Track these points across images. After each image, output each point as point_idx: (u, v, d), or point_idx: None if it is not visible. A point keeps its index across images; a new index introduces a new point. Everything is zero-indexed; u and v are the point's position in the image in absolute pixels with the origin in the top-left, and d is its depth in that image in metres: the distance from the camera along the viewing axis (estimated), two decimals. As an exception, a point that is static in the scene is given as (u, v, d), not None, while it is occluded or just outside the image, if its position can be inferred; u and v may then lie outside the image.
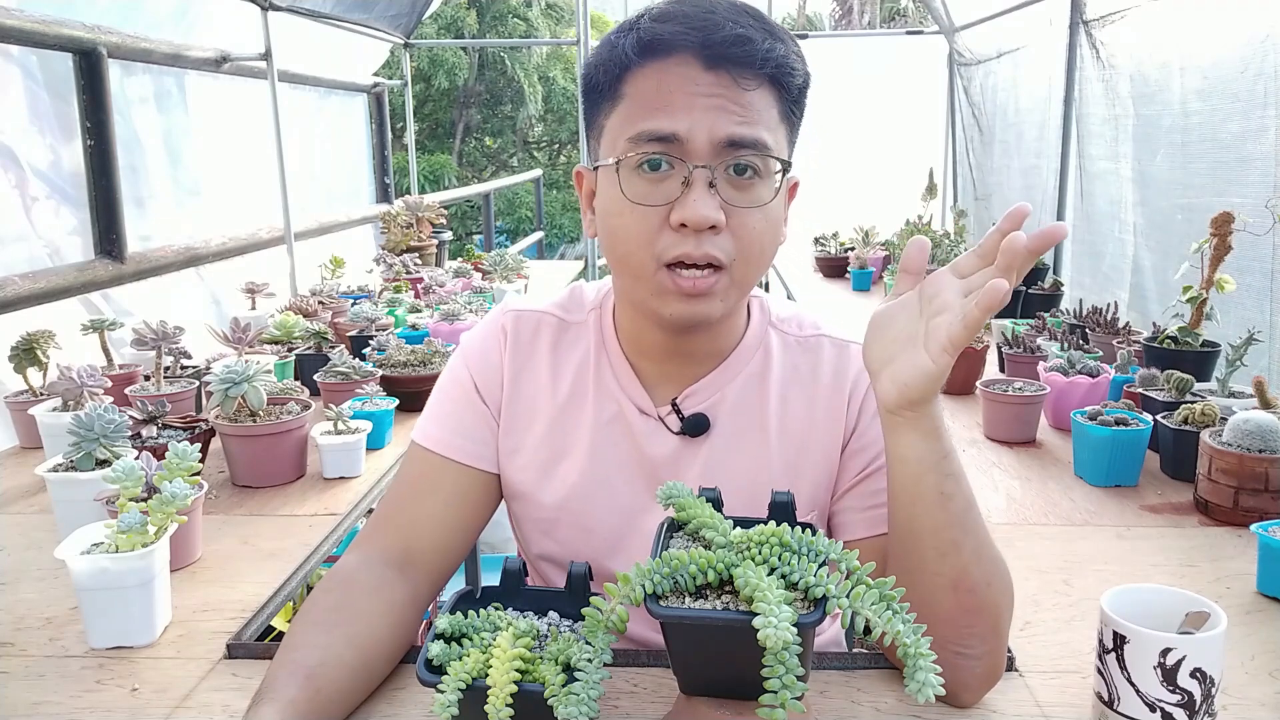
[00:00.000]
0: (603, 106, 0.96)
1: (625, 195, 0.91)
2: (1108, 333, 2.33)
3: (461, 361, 1.11)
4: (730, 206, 0.90)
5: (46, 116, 2.56)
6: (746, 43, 0.88)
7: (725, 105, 0.89)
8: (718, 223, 0.89)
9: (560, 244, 13.12)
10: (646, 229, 0.91)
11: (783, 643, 0.66)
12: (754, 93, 0.90)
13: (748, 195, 0.91)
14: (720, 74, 0.89)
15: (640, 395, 1.05)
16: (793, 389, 1.06)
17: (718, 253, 0.90)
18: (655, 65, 0.90)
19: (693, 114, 0.89)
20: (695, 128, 0.89)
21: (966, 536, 0.85)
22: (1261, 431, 1.40)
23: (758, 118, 0.91)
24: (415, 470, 1.06)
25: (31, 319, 2.16)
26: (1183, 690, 0.81)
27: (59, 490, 1.37)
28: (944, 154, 5.47)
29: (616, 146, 0.93)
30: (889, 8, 17.45)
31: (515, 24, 12.46)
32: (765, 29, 0.91)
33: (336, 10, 4.06)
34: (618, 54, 0.92)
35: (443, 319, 2.53)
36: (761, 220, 0.93)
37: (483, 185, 7.92)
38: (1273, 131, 2.25)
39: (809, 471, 1.05)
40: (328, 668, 0.86)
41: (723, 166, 0.90)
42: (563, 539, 1.08)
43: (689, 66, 0.89)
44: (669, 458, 1.04)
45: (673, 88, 0.89)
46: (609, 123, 0.95)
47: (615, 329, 1.07)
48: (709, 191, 0.89)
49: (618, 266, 0.98)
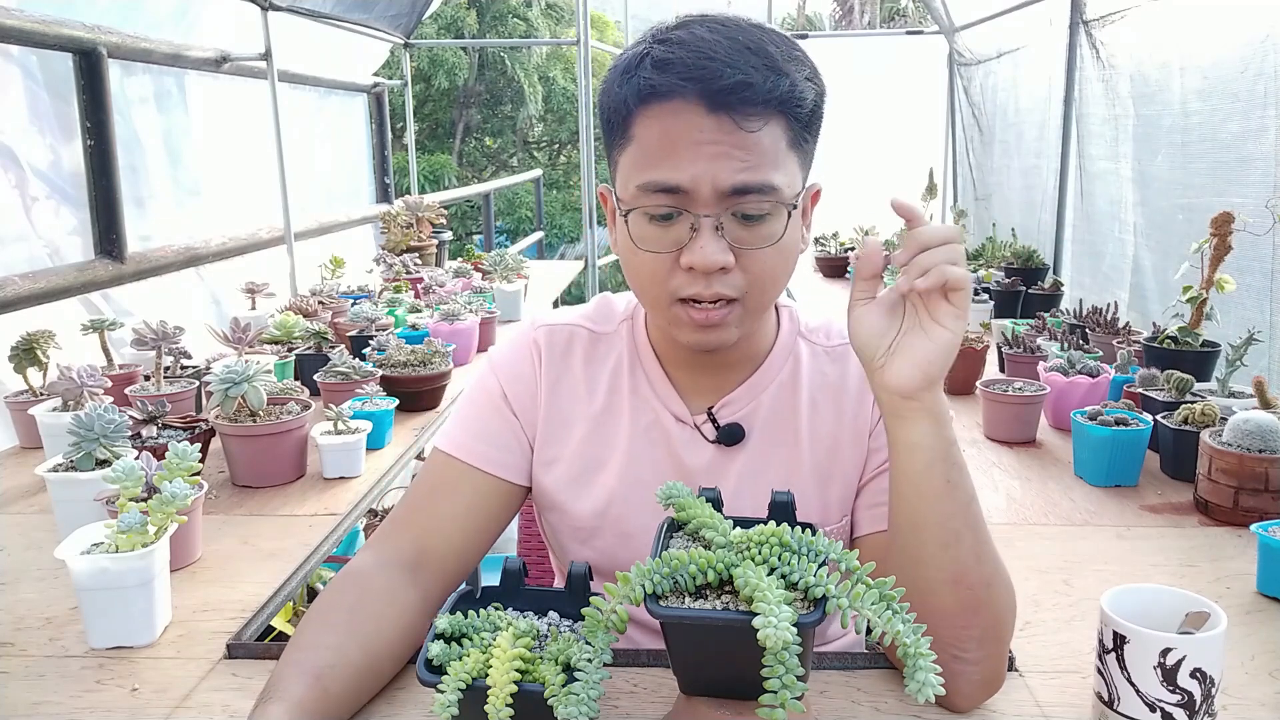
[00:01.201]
0: (616, 142, 0.97)
1: (635, 243, 0.94)
2: (1108, 333, 2.33)
3: (491, 373, 1.11)
4: (739, 248, 0.91)
5: (46, 116, 2.56)
6: (746, 88, 0.87)
7: (729, 152, 0.88)
8: (726, 264, 0.91)
9: (560, 244, 13.11)
10: (659, 270, 0.93)
11: (783, 643, 0.66)
12: (759, 132, 0.89)
13: (757, 234, 0.92)
14: (722, 118, 0.88)
15: (677, 403, 1.06)
16: (822, 397, 1.07)
17: (728, 290, 0.92)
18: (657, 110, 0.90)
19: (697, 164, 0.88)
20: (699, 178, 0.88)
21: (968, 529, 0.86)
22: (1261, 431, 1.40)
23: (762, 159, 0.89)
24: (436, 475, 1.06)
25: (31, 319, 2.16)
26: (1183, 690, 0.81)
27: (59, 490, 1.37)
28: (944, 154, 5.47)
29: (628, 190, 0.94)
30: (889, 8, 17.45)
31: (515, 24, 12.45)
32: (766, 64, 0.88)
33: (336, 10, 4.06)
34: (620, 99, 0.92)
35: (443, 319, 2.53)
36: (773, 254, 0.93)
37: (483, 185, 7.92)
38: (1273, 131, 2.25)
39: (839, 478, 1.07)
40: (337, 669, 0.86)
41: (729, 212, 0.90)
42: (601, 547, 1.08)
43: (691, 112, 0.88)
44: (706, 467, 1.05)
45: (676, 136, 0.89)
46: (622, 159, 0.96)
47: (649, 338, 1.08)
48: (716, 235, 0.90)
49: (637, 295, 1.02)
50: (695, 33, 0.89)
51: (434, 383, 2.10)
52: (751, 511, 0.96)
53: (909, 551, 0.88)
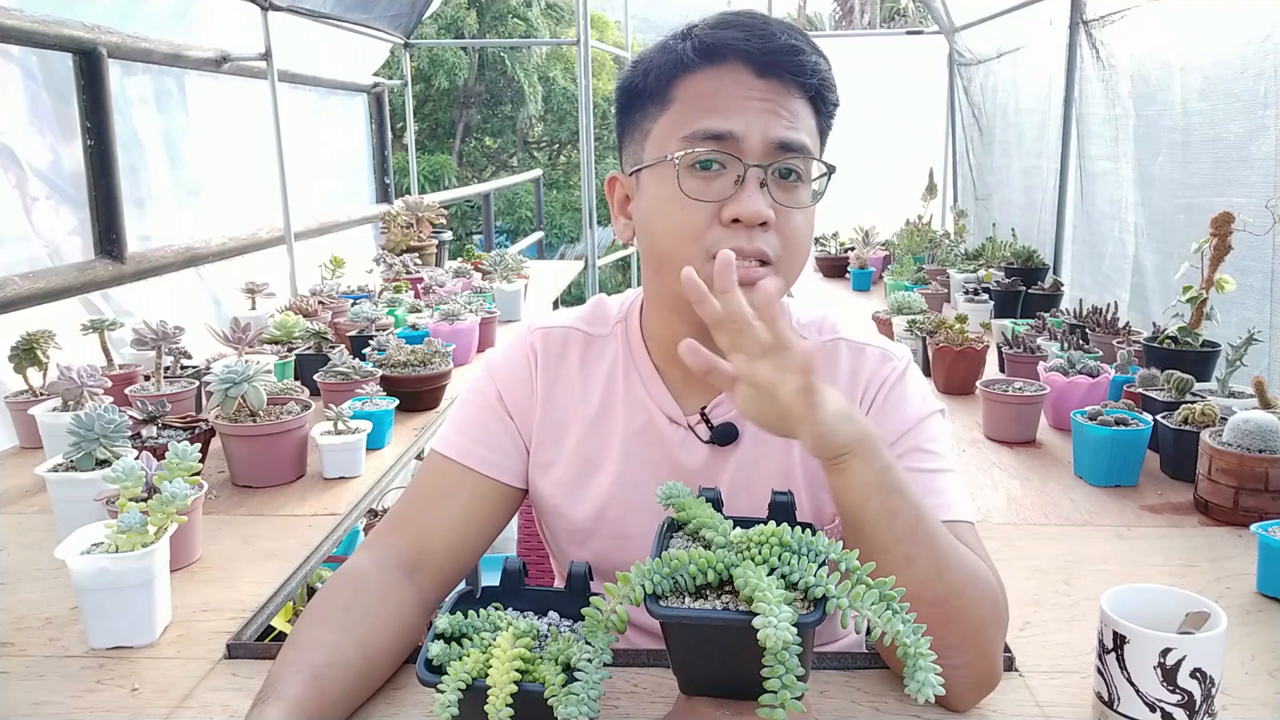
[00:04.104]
0: (649, 110, 0.98)
1: (682, 190, 0.93)
2: (1108, 333, 2.33)
3: (488, 376, 1.11)
4: (778, 206, 0.93)
5: (46, 116, 2.56)
6: (799, 53, 0.93)
7: (776, 110, 0.93)
8: (769, 219, 0.92)
9: (560, 244, 13.11)
10: (697, 224, 0.93)
11: (783, 643, 0.66)
12: (799, 101, 0.95)
13: (793, 197, 0.95)
14: (772, 81, 0.93)
15: (670, 404, 1.06)
16: None
17: (767, 248, 0.93)
18: (710, 70, 0.94)
19: (747, 115, 0.93)
20: (750, 128, 0.92)
21: (920, 549, 0.84)
22: (1261, 431, 1.40)
23: (802, 125, 0.95)
24: (433, 477, 1.07)
25: (31, 319, 2.16)
26: (1183, 690, 0.81)
27: (59, 490, 1.37)
28: (944, 154, 5.47)
29: (668, 145, 0.95)
30: (889, 8, 17.45)
31: (515, 24, 12.45)
32: (811, 45, 0.96)
33: (336, 10, 4.06)
34: (674, 57, 0.95)
35: (443, 319, 2.53)
36: (804, 221, 0.96)
37: (483, 185, 7.92)
38: (1273, 131, 2.25)
39: None
40: (334, 668, 0.86)
41: (772, 168, 0.93)
42: (598, 549, 1.08)
43: (742, 73, 0.93)
44: (700, 467, 1.05)
45: (727, 91, 0.93)
46: (656, 126, 0.97)
47: (643, 339, 1.08)
48: (761, 190, 0.92)
49: (660, 264, 0.98)
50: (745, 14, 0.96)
51: (434, 383, 2.10)
52: (747, 511, 0.96)
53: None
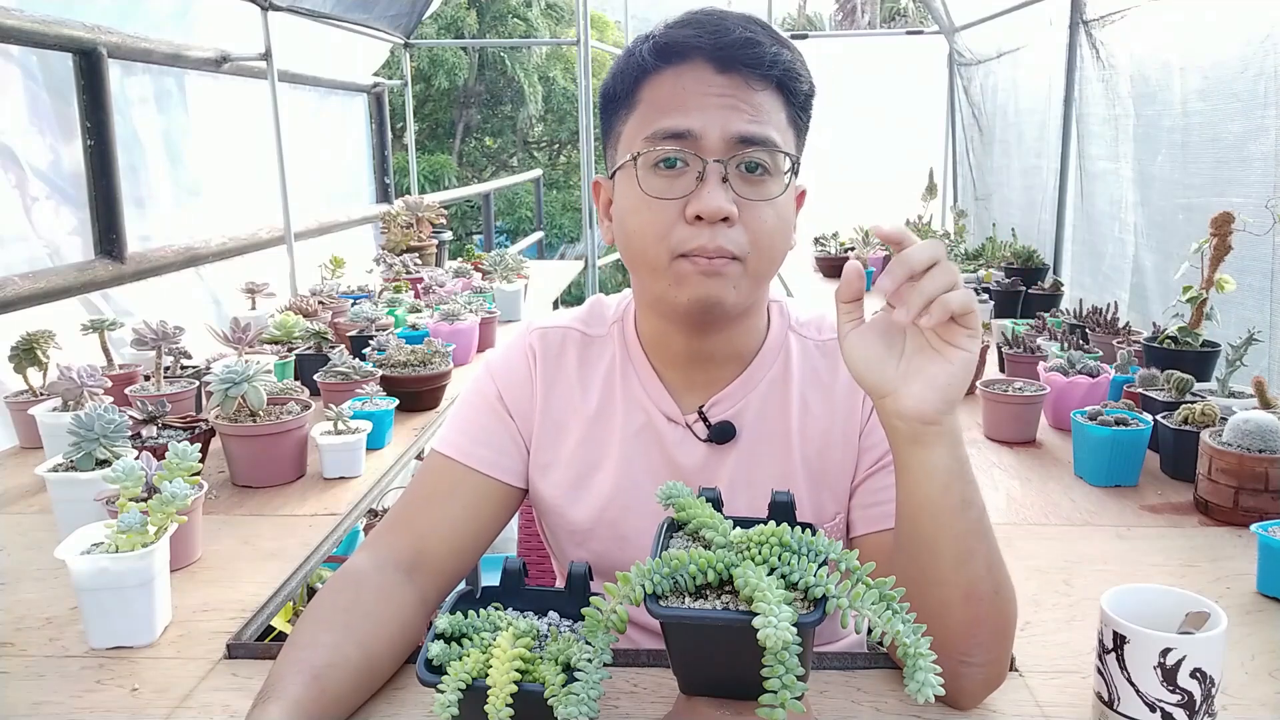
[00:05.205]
0: (620, 114, 0.99)
1: (643, 190, 0.94)
2: (1108, 333, 2.33)
3: (488, 376, 1.12)
4: (742, 200, 0.93)
5: (46, 116, 2.56)
6: (755, 45, 0.93)
7: (736, 105, 0.93)
8: (730, 214, 0.91)
9: (560, 244, 13.10)
10: (662, 222, 0.93)
11: (783, 643, 0.66)
12: (763, 94, 0.94)
13: (759, 190, 0.94)
14: (732, 75, 0.93)
15: (667, 403, 1.06)
16: (813, 393, 1.07)
17: (730, 245, 0.92)
18: (671, 70, 0.95)
19: (706, 112, 0.92)
20: (709, 125, 0.92)
21: (981, 543, 0.85)
22: (1261, 431, 1.40)
23: (767, 118, 0.94)
24: (433, 477, 1.07)
25: (31, 319, 2.15)
26: (1183, 690, 0.81)
27: (59, 490, 1.37)
28: (944, 154, 5.47)
29: (633, 146, 0.96)
30: (889, 8, 17.44)
31: (515, 24, 12.44)
32: (772, 36, 0.95)
33: (336, 10, 4.06)
34: (635, 61, 0.96)
35: (443, 319, 2.53)
36: (773, 215, 0.95)
37: (483, 185, 7.92)
38: (1273, 131, 2.25)
39: (830, 476, 1.06)
40: (334, 669, 0.86)
41: (735, 162, 0.92)
42: (597, 550, 1.08)
43: (702, 70, 0.94)
44: (698, 466, 1.05)
45: (687, 90, 0.94)
46: (625, 128, 0.98)
47: (639, 338, 1.08)
48: (722, 185, 0.92)
49: (634, 263, 0.99)
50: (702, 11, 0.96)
51: (434, 383, 2.10)
52: (746, 510, 0.96)
53: (925, 573, 0.85)
